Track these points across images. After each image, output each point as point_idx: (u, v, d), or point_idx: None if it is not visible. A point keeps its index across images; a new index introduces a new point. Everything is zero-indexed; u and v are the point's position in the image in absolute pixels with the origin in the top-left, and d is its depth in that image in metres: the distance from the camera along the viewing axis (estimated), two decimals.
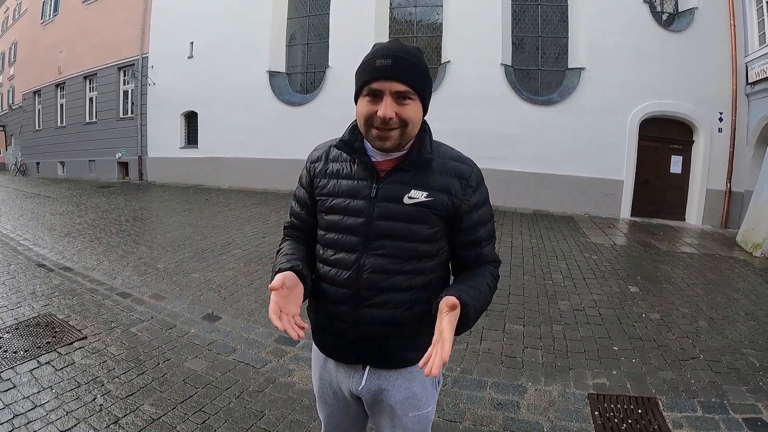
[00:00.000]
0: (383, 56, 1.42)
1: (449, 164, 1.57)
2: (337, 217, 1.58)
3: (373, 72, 1.42)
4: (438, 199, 1.51)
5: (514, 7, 13.12)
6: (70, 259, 7.00)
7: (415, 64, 1.45)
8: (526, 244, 8.57)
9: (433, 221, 1.52)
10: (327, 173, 1.64)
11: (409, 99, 1.43)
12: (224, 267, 6.71)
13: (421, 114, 1.50)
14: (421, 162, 1.53)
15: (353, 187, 1.57)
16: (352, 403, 1.75)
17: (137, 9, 18.02)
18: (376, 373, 1.64)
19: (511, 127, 12.56)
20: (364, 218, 1.53)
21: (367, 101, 1.45)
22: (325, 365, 1.76)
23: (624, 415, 3.39)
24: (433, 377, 1.73)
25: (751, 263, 7.99)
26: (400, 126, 1.44)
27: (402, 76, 1.41)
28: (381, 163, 1.56)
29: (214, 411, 3.30)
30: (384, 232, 1.52)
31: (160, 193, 15.10)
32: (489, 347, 4.44)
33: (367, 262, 1.53)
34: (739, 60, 11.22)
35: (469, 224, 1.58)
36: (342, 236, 1.57)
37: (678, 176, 12.30)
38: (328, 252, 1.61)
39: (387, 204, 1.52)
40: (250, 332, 4.64)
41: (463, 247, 1.62)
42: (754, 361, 4.26)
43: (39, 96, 24.16)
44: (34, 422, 3.07)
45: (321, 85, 14.80)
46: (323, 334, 1.69)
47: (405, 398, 1.65)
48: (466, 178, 1.56)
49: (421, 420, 1.71)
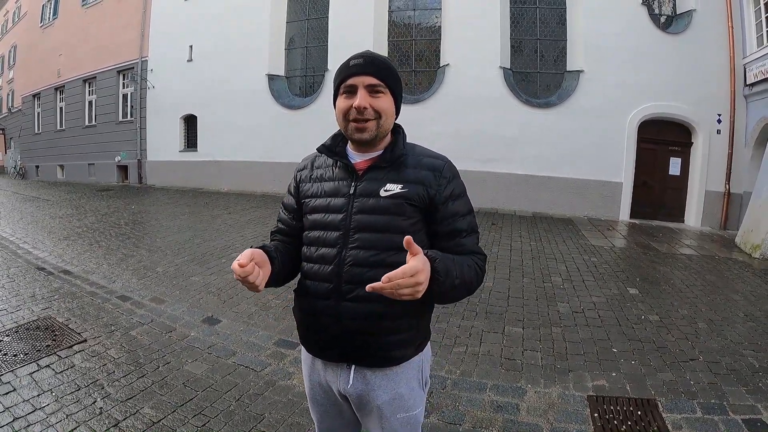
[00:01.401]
0: (356, 57, 1.61)
1: (423, 160, 1.67)
2: (319, 216, 1.67)
3: (348, 69, 1.59)
4: (412, 190, 1.59)
5: (513, 10, 13.14)
6: (70, 263, 7.01)
7: (385, 62, 1.62)
8: (525, 246, 8.57)
9: (409, 212, 1.58)
10: (312, 178, 1.76)
11: (380, 92, 1.58)
12: (224, 270, 6.72)
13: (393, 107, 1.63)
14: (395, 158, 1.63)
15: (334, 187, 1.67)
16: (343, 404, 1.77)
17: (137, 12, 18.05)
18: (362, 372, 1.66)
19: (510, 129, 12.57)
20: (344, 214, 1.62)
21: (344, 98, 1.60)
22: (313, 365, 1.79)
23: (623, 417, 3.39)
24: (418, 378, 1.75)
25: (751, 264, 8.00)
26: (375, 117, 1.57)
27: (373, 71, 1.57)
28: (359, 164, 1.67)
29: (214, 414, 3.30)
30: (362, 225, 1.59)
31: (159, 197, 15.10)
32: (488, 350, 4.44)
33: (347, 256, 1.58)
34: (738, 62, 11.25)
35: (445, 215, 1.63)
36: (324, 233, 1.65)
37: (677, 178, 12.31)
38: (311, 249, 1.68)
39: (364, 199, 1.60)
40: (249, 335, 4.64)
41: (443, 239, 1.65)
42: (753, 362, 4.26)
43: (38, 99, 24.16)
44: (34, 425, 3.08)
45: (320, 89, 14.81)
46: (308, 331, 1.72)
47: (392, 399, 1.66)
48: (440, 170, 1.64)
49: (410, 421, 1.72)
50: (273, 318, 5.07)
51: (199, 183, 16.84)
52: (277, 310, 5.26)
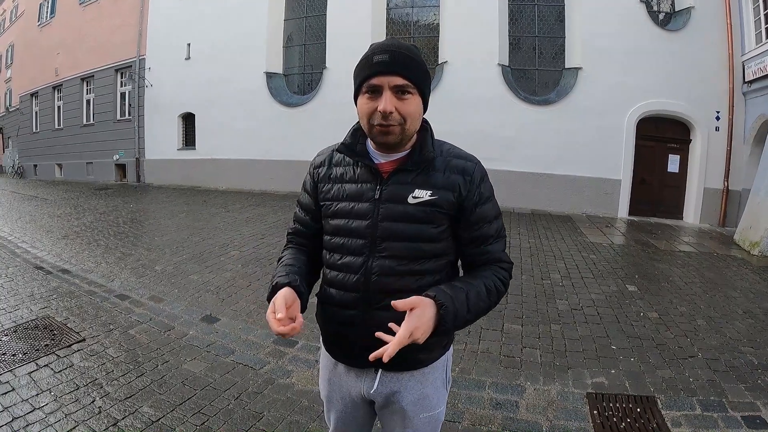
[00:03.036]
0: (381, 52, 1.43)
1: (452, 162, 1.56)
2: (342, 221, 1.58)
3: (372, 68, 1.42)
4: (442, 197, 1.50)
5: (511, 7, 13.13)
6: (68, 262, 6.99)
7: (413, 58, 1.45)
8: (524, 243, 8.58)
9: (438, 220, 1.52)
10: (331, 178, 1.64)
11: (408, 93, 1.43)
12: (222, 268, 6.71)
13: (421, 109, 1.50)
14: (423, 161, 1.52)
15: (357, 190, 1.56)
16: (361, 407, 1.74)
17: (134, 11, 17.99)
18: (389, 375, 1.63)
19: (509, 127, 12.56)
20: (370, 220, 1.53)
21: (367, 98, 1.45)
22: (334, 370, 1.74)
23: (623, 414, 3.39)
24: (443, 378, 1.72)
25: (749, 261, 8.01)
26: (400, 123, 1.43)
27: (400, 70, 1.41)
28: (384, 165, 1.56)
29: (213, 412, 3.30)
30: (389, 233, 1.51)
31: (157, 195, 15.08)
32: (487, 347, 4.44)
33: (374, 265, 1.52)
34: (736, 59, 11.25)
35: (474, 220, 1.57)
36: (348, 240, 1.57)
37: (675, 175, 12.33)
38: (334, 256, 1.61)
39: (391, 205, 1.51)
40: (248, 333, 4.64)
41: (469, 245, 1.61)
42: (752, 360, 4.27)
43: (36, 98, 24.09)
44: (33, 425, 3.07)
45: (318, 87, 14.77)
46: (335, 340, 1.67)
47: (417, 400, 1.64)
48: (470, 174, 1.55)
49: (432, 421, 1.71)
50: None
51: (198, 181, 16.80)
52: None
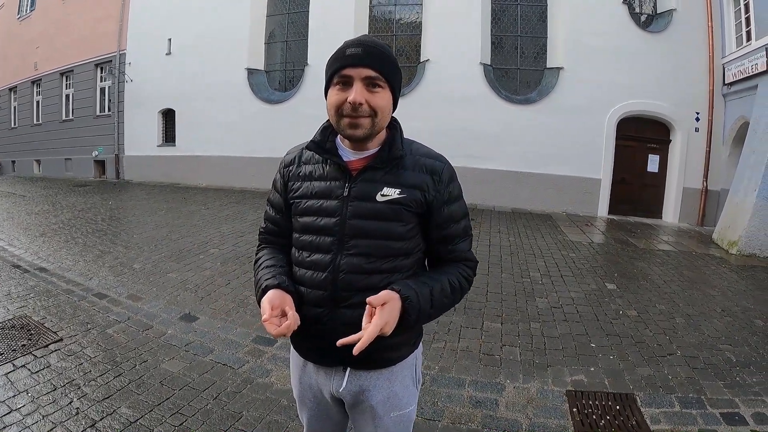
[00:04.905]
0: (354, 45, 1.45)
1: (421, 161, 1.58)
2: (310, 219, 1.58)
3: (344, 59, 1.44)
4: (411, 195, 1.51)
5: (494, 7, 13.20)
6: (46, 260, 6.88)
7: (385, 53, 1.48)
8: (504, 242, 8.61)
9: (406, 218, 1.52)
10: (300, 176, 1.64)
11: (378, 87, 1.45)
12: (201, 267, 6.64)
13: (390, 104, 1.51)
14: (392, 159, 1.53)
15: (326, 188, 1.57)
16: (333, 406, 1.73)
17: (115, 5, 17.69)
18: (357, 374, 1.62)
19: (490, 126, 12.63)
20: (338, 218, 1.53)
21: (338, 90, 1.46)
22: (304, 368, 1.73)
23: (602, 412, 3.41)
24: (412, 376, 1.73)
25: (727, 260, 8.12)
26: (370, 115, 1.45)
27: (371, 63, 1.43)
28: (353, 163, 1.56)
29: (192, 413, 3.26)
30: (358, 231, 1.51)
31: (137, 192, 14.89)
32: (467, 345, 4.45)
33: (342, 263, 1.52)
34: (717, 61, 11.43)
35: (442, 220, 1.58)
36: (316, 237, 1.56)
37: (655, 175, 12.49)
38: (303, 254, 1.60)
39: (360, 203, 1.52)
40: (227, 332, 4.59)
41: (436, 244, 1.63)
42: (730, 357, 4.33)
43: (15, 93, 23.62)
44: (10, 427, 3.01)
45: (300, 83, 14.71)
46: (302, 337, 1.64)
47: (386, 398, 1.64)
48: (439, 173, 1.57)
49: (403, 420, 1.71)
50: (251, 315, 5.01)
51: (178, 178, 16.61)
52: (254, 307, 5.18)
